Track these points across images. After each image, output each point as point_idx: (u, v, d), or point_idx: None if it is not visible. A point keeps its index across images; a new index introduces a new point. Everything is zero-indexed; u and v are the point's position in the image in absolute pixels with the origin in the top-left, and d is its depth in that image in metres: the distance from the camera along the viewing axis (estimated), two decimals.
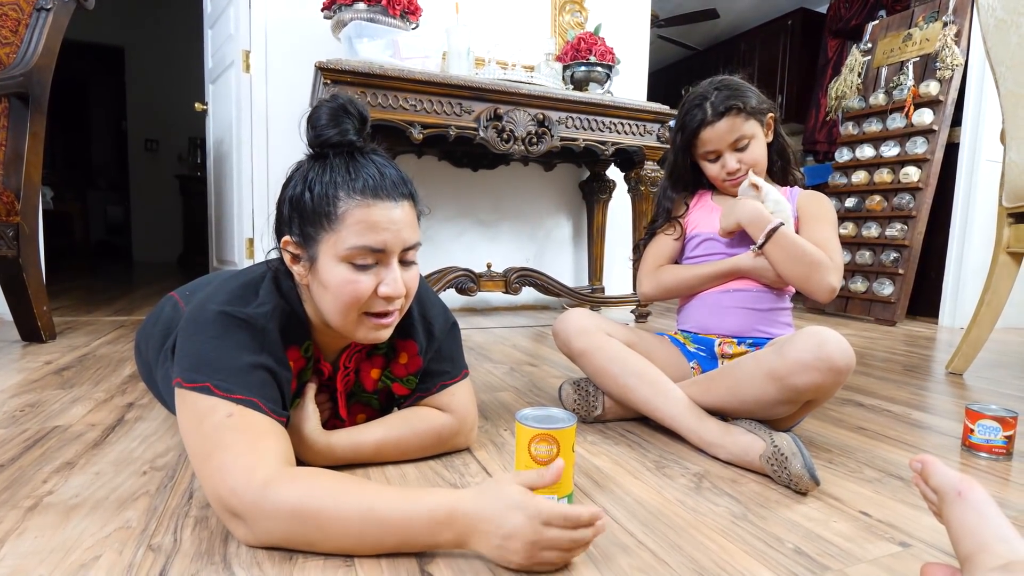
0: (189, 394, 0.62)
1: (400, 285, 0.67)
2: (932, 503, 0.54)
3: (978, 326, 1.55)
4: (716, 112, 1.03)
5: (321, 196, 0.65)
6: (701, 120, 1.04)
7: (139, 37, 5.38)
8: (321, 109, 0.68)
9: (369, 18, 1.87)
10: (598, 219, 2.70)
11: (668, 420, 0.96)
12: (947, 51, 2.60)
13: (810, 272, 0.96)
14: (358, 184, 0.65)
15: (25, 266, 1.56)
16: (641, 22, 2.91)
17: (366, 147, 0.69)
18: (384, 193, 0.65)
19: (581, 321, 1.06)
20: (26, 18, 1.61)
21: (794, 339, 0.84)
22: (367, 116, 0.69)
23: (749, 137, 1.04)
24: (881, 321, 2.64)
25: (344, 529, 0.56)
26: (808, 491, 0.77)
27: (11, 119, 1.57)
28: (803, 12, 4.35)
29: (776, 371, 0.84)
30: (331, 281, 0.66)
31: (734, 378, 0.91)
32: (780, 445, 0.79)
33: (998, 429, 0.92)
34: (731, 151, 1.05)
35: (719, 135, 1.04)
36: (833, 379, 0.81)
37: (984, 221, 2.51)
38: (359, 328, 0.69)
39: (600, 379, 1.03)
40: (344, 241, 0.64)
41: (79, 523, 0.63)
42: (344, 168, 0.66)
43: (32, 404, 1.08)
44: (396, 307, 0.69)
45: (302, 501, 0.56)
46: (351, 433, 0.78)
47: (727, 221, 1.05)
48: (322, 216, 0.65)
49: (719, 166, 1.07)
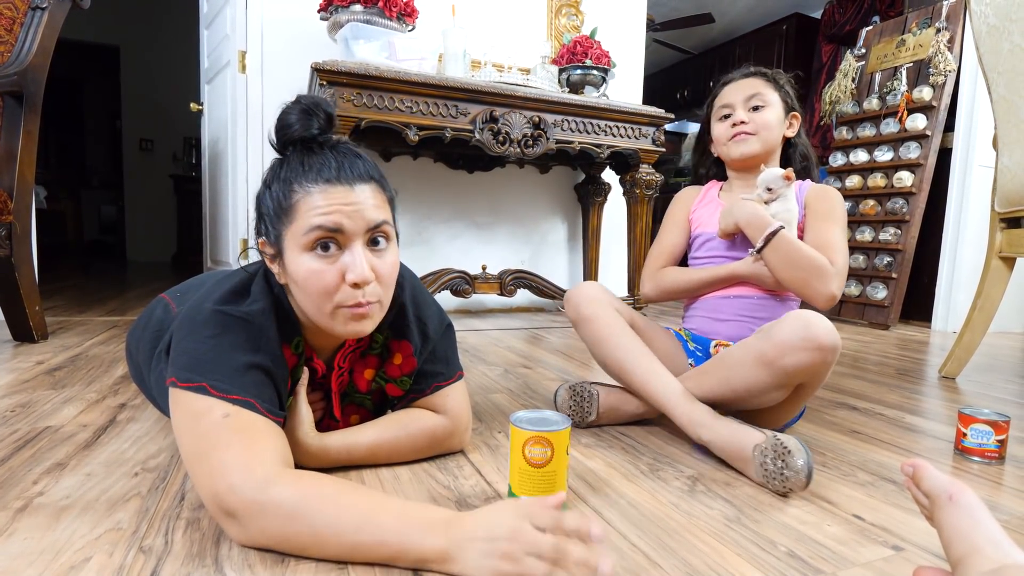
0: (184, 394, 0.62)
1: (364, 269, 0.64)
2: (924, 507, 0.55)
3: (971, 330, 1.56)
4: (743, 73, 1.09)
5: (278, 191, 0.66)
6: (728, 79, 1.10)
7: (135, 36, 5.37)
8: (288, 110, 0.68)
9: (365, 19, 1.87)
10: (593, 222, 2.70)
11: (658, 398, 0.94)
12: (940, 57, 2.62)
13: (809, 278, 0.95)
14: (311, 174, 0.64)
15: (18, 265, 1.55)
16: (637, 26, 2.92)
17: (328, 140, 0.69)
18: (338, 179, 0.64)
19: (594, 291, 1.06)
20: (21, 17, 1.60)
21: (780, 323, 0.84)
22: (333, 114, 0.69)
23: (767, 103, 1.06)
24: (874, 325, 2.66)
25: (338, 535, 0.55)
26: (791, 492, 0.76)
27: (5, 118, 1.56)
28: (797, 17, 4.38)
29: (765, 355, 0.84)
30: (297, 273, 0.65)
31: (725, 366, 0.90)
32: (784, 439, 0.78)
33: (990, 433, 0.93)
34: (744, 106, 1.07)
35: (738, 87, 1.08)
36: (821, 358, 0.81)
37: (977, 226, 2.53)
38: (336, 321, 0.67)
39: (597, 348, 1.03)
40: (300, 228, 0.64)
41: (69, 524, 0.63)
42: (299, 161, 0.66)
43: (23, 404, 1.07)
44: (372, 297, 0.66)
45: (301, 502, 0.55)
46: (345, 435, 0.77)
47: (725, 222, 1.03)
48: (280, 210, 0.65)
49: (728, 123, 1.08)
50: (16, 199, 1.54)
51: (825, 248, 0.97)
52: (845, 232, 1.02)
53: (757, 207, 1.00)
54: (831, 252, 0.96)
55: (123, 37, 5.36)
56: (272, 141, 0.69)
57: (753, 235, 0.99)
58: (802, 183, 1.10)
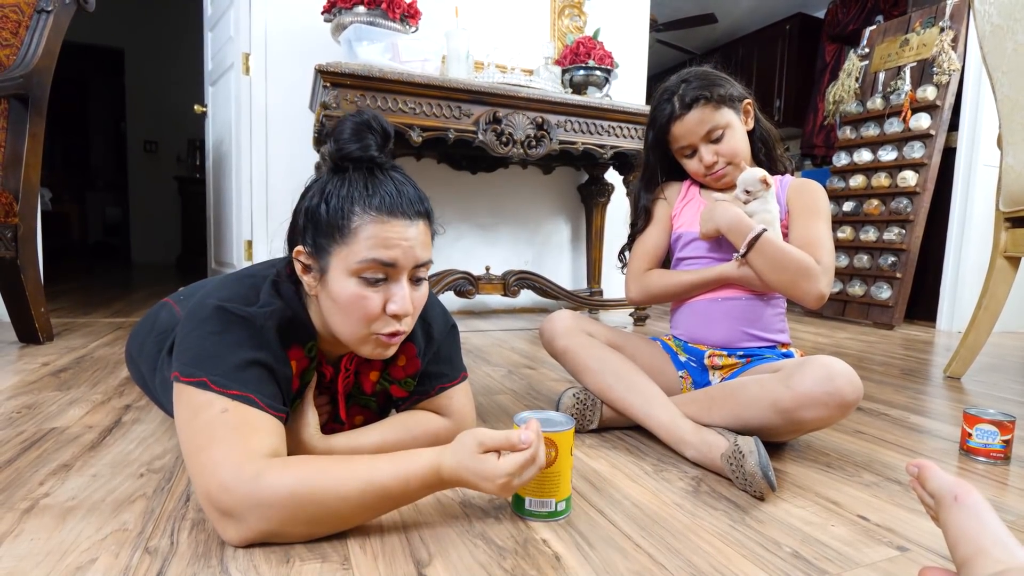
0: (186, 388, 0.62)
1: (408, 303, 0.67)
2: (929, 507, 0.54)
3: (976, 330, 1.55)
4: (684, 105, 1.00)
5: (337, 209, 0.65)
6: (670, 114, 1.01)
7: (139, 39, 5.39)
8: (345, 123, 0.68)
9: (369, 21, 1.87)
10: (596, 222, 2.70)
11: (642, 417, 0.95)
12: (944, 56, 2.61)
13: (796, 279, 0.93)
14: (375, 200, 0.65)
15: (23, 267, 1.56)
16: (640, 26, 2.92)
17: (386, 164, 0.70)
18: (399, 211, 0.65)
19: (564, 322, 1.07)
20: (26, 20, 1.61)
21: (803, 370, 0.81)
22: (391, 132, 0.70)
23: (723, 127, 1.00)
24: (879, 325, 2.65)
25: (345, 500, 0.59)
26: (764, 494, 0.75)
27: (10, 120, 1.57)
28: (801, 17, 4.37)
29: (781, 402, 0.81)
30: (340, 295, 0.66)
31: (737, 403, 0.87)
32: (740, 444, 0.78)
33: (996, 433, 0.93)
34: (705, 143, 1.01)
35: (689, 128, 1.01)
36: (841, 413, 0.79)
37: (981, 225, 2.52)
38: (365, 345, 0.69)
39: (581, 377, 1.04)
40: (355, 255, 0.64)
41: (75, 525, 0.63)
42: (362, 183, 0.66)
43: (29, 406, 1.08)
44: (405, 327, 0.69)
45: (299, 482, 0.57)
46: (349, 437, 0.78)
47: (706, 227, 1.01)
48: (336, 229, 0.65)
49: (696, 161, 1.03)
50: (22, 201, 1.54)
51: (810, 246, 0.95)
52: (829, 225, 1.00)
53: (738, 211, 0.98)
54: (816, 249, 0.95)
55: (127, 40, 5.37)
56: (330, 154, 0.68)
57: (736, 240, 0.97)
58: (782, 178, 1.07)
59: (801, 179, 1.07)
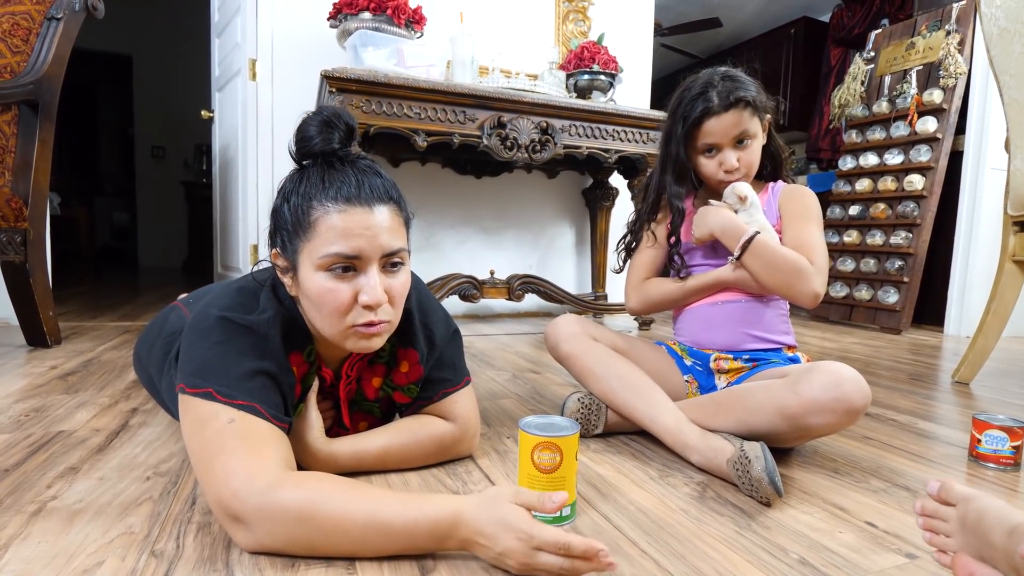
0: (192, 399, 0.62)
1: (379, 292, 0.65)
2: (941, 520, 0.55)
3: (984, 335, 1.54)
4: (724, 103, 0.97)
5: (296, 206, 0.66)
6: (706, 110, 0.98)
7: (147, 45, 5.44)
8: (307, 121, 0.68)
9: (374, 27, 1.88)
10: (601, 226, 2.70)
11: (647, 421, 0.95)
12: (950, 60, 2.60)
13: (791, 280, 0.94)
14: (331, 191, 0.64)
15: (32, 271, 1.57)
16: (644, 31, 2.92)
17: (349, 155, 0.69)
18: (358, 200, 0.64)
19: (568, 326, 1.06)
20: (37, 27, 1.62)
21: (810, 376, 0.81)
22: (354, 126, 0.69)
23: (752, 136, 1.00)
24: (886, 329, 2.63)
25: (347, 533, 0.56)
26: (770, 500, 0.75)
27: (21, 126, 1.58)
28: (806, 21, 4.37)
29: (789, 409, 0.81)
30: (311, 290, 0.66)
31: (743, 408, 0.87)
32: (746, 449, 0.77)
33: (1005, 439, 0.92)
34: (731, 146, 1.00)
35: (724, 128, 0.98)
36: (849, 420, 0.79)
37: (989, 229, 2.50)
38: (348, 339, 0.68)
39: (585, 382, 1.04)
40: (318, 249, 0.64)
41: (82, 528, 0.63)
42: (319, 177, 0.66)
43: (37, 409, 1.08)
44: (383, 316, 0.67)
45: (307, 503, 0.56)
46: (354, 441, 0.78)
47: (700, 232, 1.02)
48: (298, 225, 0.65)
49: (716, 162, 1.02)
50: (31, 206, 1.56)
51: (803, 248, 0.96)
52: (822, 229, 1.01)
53: (730, 215, 0.99)
54: (809, 251, 0.96)
55: (135, 46, 5.43)
56: (291, 152, 0.69)
57: (729, 243, 0.98)
58: (774, 184, 1.08)
59: (792, 185, 1.08)
